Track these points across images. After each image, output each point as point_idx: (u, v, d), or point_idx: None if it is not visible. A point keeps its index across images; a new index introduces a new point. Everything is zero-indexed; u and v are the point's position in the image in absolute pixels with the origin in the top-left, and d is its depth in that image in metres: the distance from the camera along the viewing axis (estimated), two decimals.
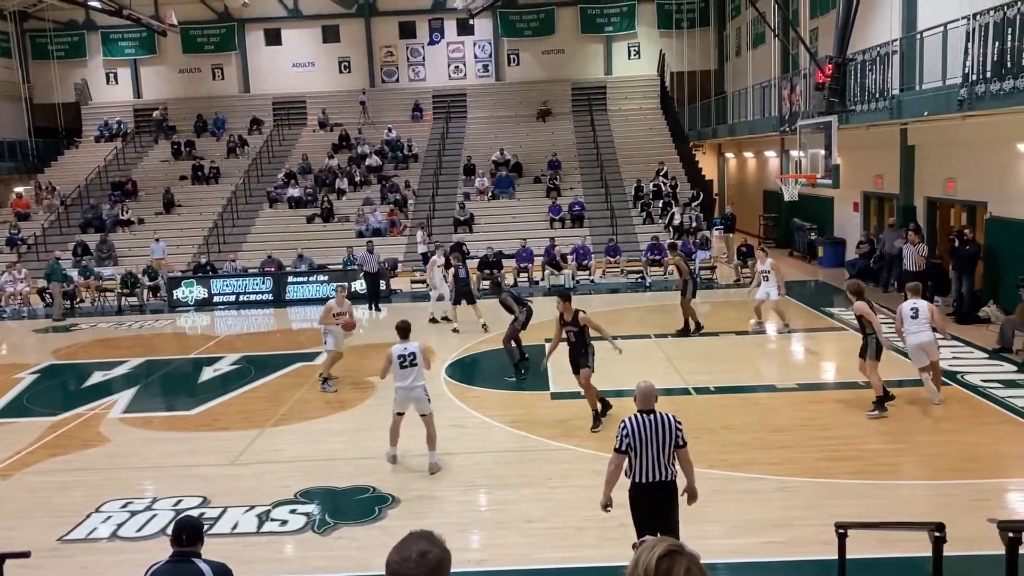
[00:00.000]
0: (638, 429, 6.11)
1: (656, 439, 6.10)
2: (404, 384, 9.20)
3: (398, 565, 2.45)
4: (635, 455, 6.12)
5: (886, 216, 20.69)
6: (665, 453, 6.13)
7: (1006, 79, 12.19)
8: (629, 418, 6.25)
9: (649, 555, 2.32)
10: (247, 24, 35.66)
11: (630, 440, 6.10)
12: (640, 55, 35.67)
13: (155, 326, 19.65)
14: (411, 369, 9.18)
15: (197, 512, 8.20)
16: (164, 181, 29.97)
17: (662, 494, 6.18)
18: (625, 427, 6.15)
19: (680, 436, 6.19)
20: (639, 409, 6.27)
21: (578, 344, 10.53)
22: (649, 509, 6.19)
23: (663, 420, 6.17)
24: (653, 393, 6.36)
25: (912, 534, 6.64)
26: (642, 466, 6.12)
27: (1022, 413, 10.32)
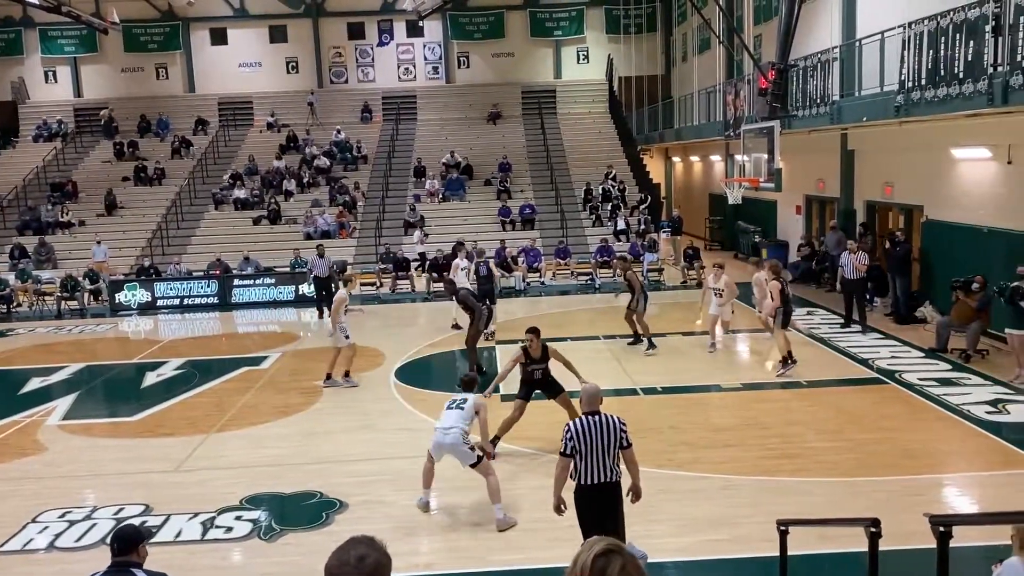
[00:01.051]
0: (583, 431, 6.14)
1: (601, 441, 6.14)
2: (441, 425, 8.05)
3: (336, 569, 2.45)
4: (580, 457, 6.15)
5: (827, 219, 21.18)
6: (610, 455, 6.17)
7: (940, 86, 12.58)
8: (574, 421, 6.29)
9: (587, 554, 2.36)
10: (192, 23, 35.05)
11: (575, 443, 6.13)
12: (589, 59, 35.96)
13: (96, 330, 19.19)
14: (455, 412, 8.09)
15: (139, 520, 8.03)
16: (106, 182, 29.25)
17: (607, 495, 6.24)
18: (570, 430, 6.18)
19: (625, 437, 6.22)
20: (584, 411, 6.31)
21: (543, 381, 9.59)
22: (595, 510, 6.23)
23: (608, 422, 6.20)
24: (598, 395, 6.42)
25: (851, 530, 6.82)
26: (587, 468, 6.16)
27: (957, 410, 10.65)
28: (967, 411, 10.57)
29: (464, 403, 8.17)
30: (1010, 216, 13.70)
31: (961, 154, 15.05)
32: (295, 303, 21.30)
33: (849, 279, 15.42)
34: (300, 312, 20.57)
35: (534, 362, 9.46)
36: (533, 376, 9.53)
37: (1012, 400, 10.98)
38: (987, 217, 14.35)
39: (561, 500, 6.40)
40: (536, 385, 9.61)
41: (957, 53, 12.17)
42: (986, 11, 11.55)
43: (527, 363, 9.47)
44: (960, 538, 4.60)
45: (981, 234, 14.37)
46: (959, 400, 11.02)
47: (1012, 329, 11.73)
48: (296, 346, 16.49)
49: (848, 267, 15.33)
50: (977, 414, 10.45)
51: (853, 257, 15.28)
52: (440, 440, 7.96)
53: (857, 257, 15.28)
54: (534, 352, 9.44)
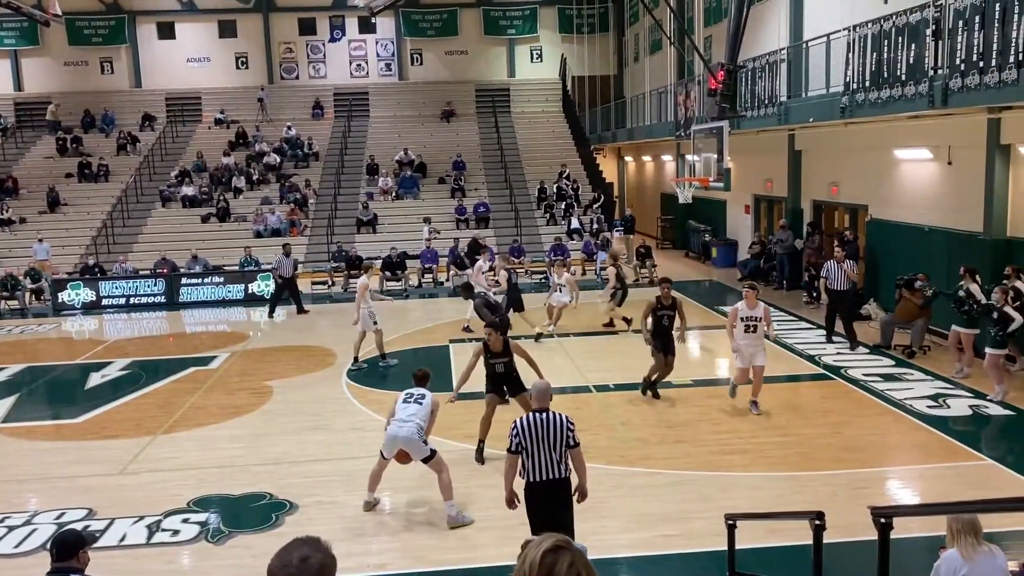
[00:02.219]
0: (529, 429, 6.17)
1: (548, 438, 6.16)
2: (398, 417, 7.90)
3: (279, 570, 2.41)
4: (527, 455, 6.18)
5: (776, 218, 21.54)
6: (557, 452, 6.19)
7: (883, 88, 12.88)
8: (520, 418, 6.32)
9: (536, 551, 2.36)
10: (138, 16, 34.33)
11: (520, 440, 6.17)
12: (543, 58, 36.07)
13: (38, 330, 18.69)
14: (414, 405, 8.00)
15: (82, 525, 7.85)
16: (48, 179, 28.51)
17: (555, 492, 6.26)
18: (515, 427, 6.21)
19: (571, 436, 6.21)
20: (534, 408, 6.34)
21: (506, 374, 9.47)
22: (543, 508, 6.26)
23: (555, 420, 6.21)
24: (549, 392, 6.46)
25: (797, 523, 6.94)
26: (535, 465, 6.19)
27: (900, 405, 10.91)
28: (909, 405, 10.85)
29: (422, 398, 8.05)
30: (951, 215, 14.09)
31: (904, 155, 15.42)
32: (244, 302, 20.99)
33: (836, 290, 14.10)
34: (250, 311, 20.27)
35: (495, 356, 9.33)
36: (495, 370, 9.38)
37: (952, 395, 11.29)
38: (929, 216, 14.74)
39: (513, 494, 6.44)
40: (500, 379, 9.46)
41: (899, 56, 12.48)
42: (927, 15, 11.86)
43: (488, 357, 9.36)
44: (902, 530, 4.72)
45: (923, 233, 14.75)
46: (902, 395, 11.30)
47: (961, 327, 12.01)
48: (245, 346, 16.25)
49: (834, 277, 14.03)
50: (919, 408, 10.73)
51: (842, 266, 13.99)
52: (395, 432, 7.80)
53: (846, 266, 14.03)
54: (494, 346, 9.31)
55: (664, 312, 11.31)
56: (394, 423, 7.88)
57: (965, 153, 13.67)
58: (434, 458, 7.86)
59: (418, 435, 7.78)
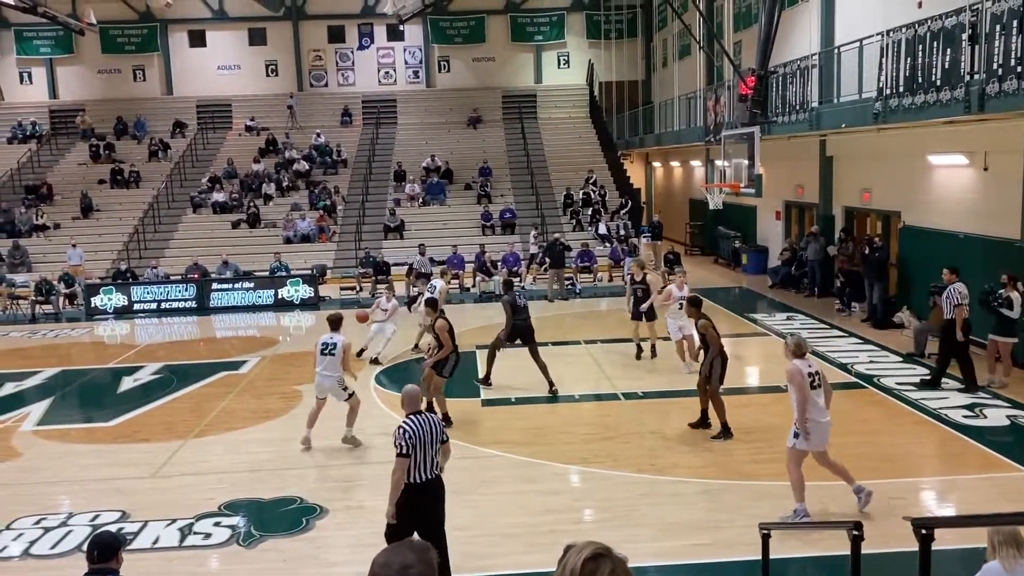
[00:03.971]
0: (419, 430, 6.32)
1: (429, 439, 6.36)
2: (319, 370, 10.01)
3: (380, 569, 2.37)
4: (415, 456, 6.32)
5: (807, 225, 21.33)
6: (434, 450, 6.41)
7: (917, 93, 12.71)
8: (407, 421, 6.39)
9: (577, 558, 2.33)
10: (170, 25, 34.79)
11: (413, 441, 6.28)
12: (570, 64, 36.05)
13: (72, 335, 18.96)
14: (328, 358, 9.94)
15: (115, 527, 7.93)
16: (82, 185, 28.94)
17: (433, 491, 6.43)
18: (407, 431, 6.31)
19: (444, 432, 6.58)
20: (409, 412, 6.49)
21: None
22: (421, 507, 6.35)
23: (430, 420, 6.49)
24: (418, 395, 6.71)
25: (832, 533, 6.85)
26: (417, 466, 6.32)
27: (934, 414, 10.74)
28: (945, 415, 10.67)
29: (335, 348, 9.88)
30: (986, 222, 13.86)
31: (938, 161, 15.21)
32: (274, 307, 21.16)
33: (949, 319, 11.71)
34: (279, 316, 20.43)
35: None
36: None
37: (988, 404, 11.09)
38: (964, 223, 14.51)
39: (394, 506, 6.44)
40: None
41: (934, 61, 12.30)
42: (962, 20, 11.69)
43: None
44: (939, 541, 4.63)
45: (958, 240, 14.52)
46: (937, 404, 11.12)
47: (998, 336, 11.80)
48: (275, 350, 16.37)
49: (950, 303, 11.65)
50: (955, 418, 10.55)
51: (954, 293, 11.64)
52: (320, 383, 10.01)
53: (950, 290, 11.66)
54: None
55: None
56: (318, 375, 10.00)
57: (1002, 159, 13.45)
58: (351, 398, 10.16)
59: (337, 385, 10.02)
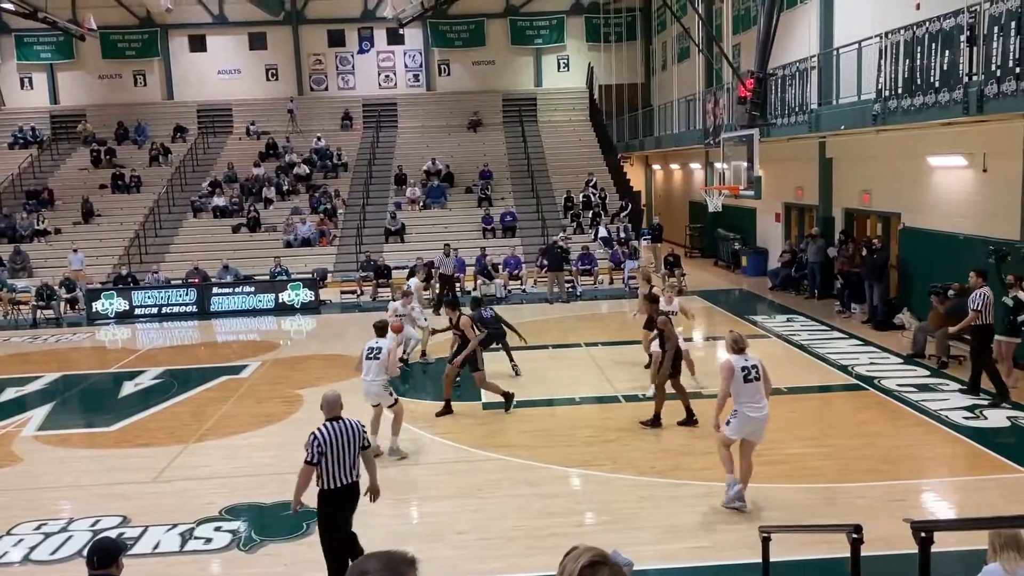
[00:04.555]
0: (329, 438, 6.37)
1: (346, 445, 6.40)
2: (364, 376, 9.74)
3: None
4: (327, 463, 6.36)
5: (806, 227, 21.34)
6: (350, 457, 6.45)
7: (916, 95, 12.72)
8: (319, 429, 6.46)
9: (574, 565, 2.34)
10: (171, 30, 34.85)
11: (322, 449, 6.34)
12: (569, 67, 36.09)
13: (73, 340, 18.97)
14: (374, 363, 9.64)
15: (116, 532, 7.94)
16: (82, 190, 28.98)
17: (349, 496, 6.52)
18: (316, 438, 6.37)
19: (364, 439, 6.60)
20: (327, 418, 6.54)
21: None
22: (338, 512, 6.47)
23: (350, 425, 6.52)
24: (339, 402, 6.68)
25: (832, 536, 6.84)
26: (331, 473, 6.37)
27: (935, 416, 10.73)
28: (945, 416, 10.66)
29: (379, 353, 9.59)
30: (986, 223, 13.86)
31: (937, 162, 15.22)
32: (275, 311, 21.17)
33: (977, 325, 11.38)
34: (280, 320, 20.44)
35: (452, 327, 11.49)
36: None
37: (989, 406, 11.07)
38: (963, 224, 14.51)
39: (301, 503, 6.65)
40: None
41: (933, 62, 12.32)
42: (961, 21, 11.71)
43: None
44: (940, 543, 4.63)
45: (958, 241, 14.53)
46: (937, 406, 11.11)
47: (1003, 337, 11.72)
48: (276, 355, 16.38)
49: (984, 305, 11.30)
50: (955, 419, 10.54)
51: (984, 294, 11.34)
52: (367, 389, 9.72)
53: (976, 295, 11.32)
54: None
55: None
56: (365, 383, 9.71)
57: (1001, 160, 13.45)
58: (395, 405, 9.81)
59: (381, 390, 9.69)
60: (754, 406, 7.92)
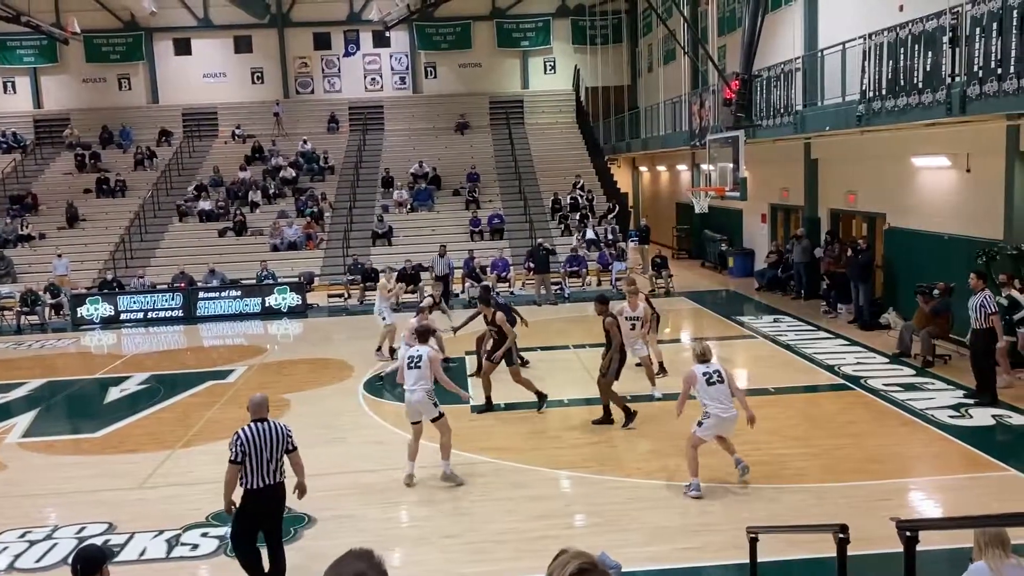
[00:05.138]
0: (252, 439, 6.43)
1: (269, 446, 6.46)
2: (406, 386, 9.03)
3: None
4: (249, 463, 6.43)
5: (792, 227, 21.43)
6: (275, 459, 6.52)
7: (900, 96, 12.80)
8: (242, 429, 6.54)
9: (561, 572, 2.34)
10: (155, 33, 34.69)
11: (244, 448, 6.41)
12: (556, 70, 36.15)
13: (57, 345, 18.83)
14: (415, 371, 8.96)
15: (102, 539, 7.88)
16: (67, 194, 28.80)
17: (273, 497, 6.58)
18: (239, 438, 6.45)
19: (290, 440, 6.64)
20: (253, 419, 6.60)
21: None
22: (260, 513, 6.54)
23: (275, 428, 6.58)
24: (264, 403, 6.76)
25: (819, 535, 6.87)
26: (254, 473, 6.44)
27: (921, 415, 10.79)
28: (931, 415, 10.72)
29: (420, 360, 8.92)
30: (970, 223, 13.96)
31: (921, 163, 15.32)
32: (262, 315, 21.09)
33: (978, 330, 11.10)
34: (267, 325, 20.36)
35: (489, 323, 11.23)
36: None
37: (974, 404, 11.14)
38: (947, 224, 14.61)
39: (231, 503, 6.67)
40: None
41: (916, 64, 12.41)
42: (943, 23, 11.79)
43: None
44: (926, 542, 4.66)
45: (942, 241, 14.63)
46: (923, 405, 11.17)
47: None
48: (263, 359, 16.31)
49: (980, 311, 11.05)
50: (941, 418, 10.60)
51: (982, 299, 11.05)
52: (408, 398, 8.94)
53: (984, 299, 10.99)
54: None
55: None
56: (406, 390, 8.99)
57: (984, 160, 13.56)
58: (441, 419, 8.89)
59: (428, 398, 8.86)
60: (721, 407, 8.45)
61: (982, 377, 11.29)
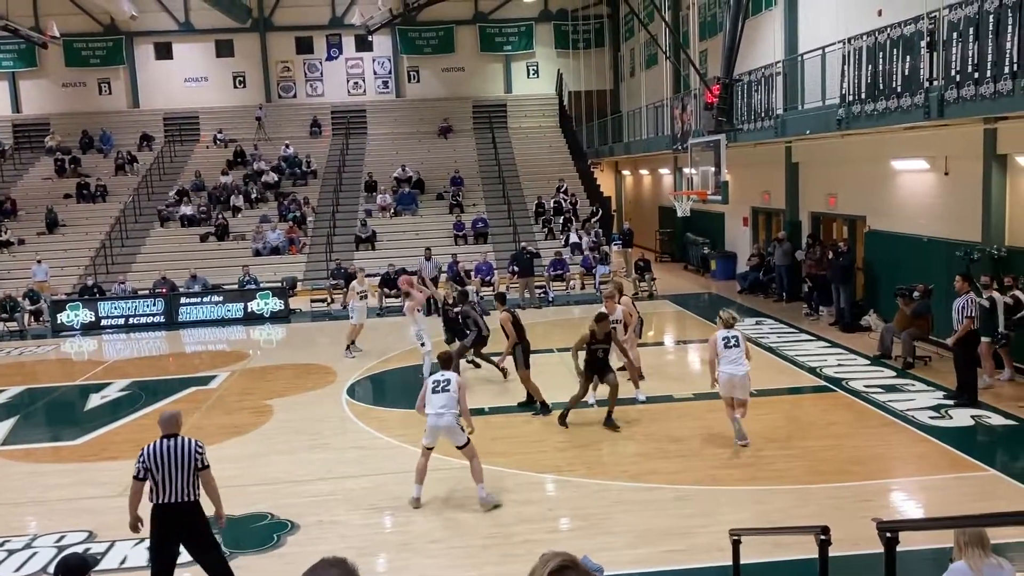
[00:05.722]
0: (155, 455, 6.30)
1: (175, 463, 6.29)
2: (432, 410, 8.49)
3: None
4: (154, 479, 6.30)
5: (774, 230, 21.56)
6: (183, 476, 6.32)
7: (879, 100, 12.93)
8: (148, 445, 6.41)
9: (543, 570, 2.34)
10: (136, 37, 34.48)
11: (147, 465, 6.28)
12: (539, 74, 36.23)
13: (37, 352, 18.65)
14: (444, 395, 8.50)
15: (82, 548, 7.80)
16: (47, 200, 28.52)
17: (183, 515, 6.38)
18: (142, 454, 6.34)
19: (201, 459, 6.39)
20: (161, 435, 6.44)
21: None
22: (170, 530, 6.37)
23: (183, 445, 6.38)
24: (174, 419, 6.58)
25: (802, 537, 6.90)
26: (162, 489, 6.31)
27: (902, 416, 10.88)
28: (912, 417, 10.81)
29: (448, 384, 8.54)
30: (949, 226, 14.11)
31: (901, 166, 15.46)
32: (244, 321, 20.98)
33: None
34: (249, 330, 20.25)
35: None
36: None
37: (954, 405, 11.24)
38: (927, 226, 14.75)
39: (138, 518, 6.53)
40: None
41: (895, 68, 12.54)
42: (921, 27, 11.92)
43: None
44: (908, 542, 4.70)
45: (921, 243, 14.76)
46: (904, 406, 11.26)
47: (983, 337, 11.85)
48: (245, 364, 16.22)
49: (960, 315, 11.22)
50: (921, 419, 10.69)
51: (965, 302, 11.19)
52: (435, 423, 8.46)
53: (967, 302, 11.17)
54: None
55: (599, 346, 10.88)
56: (431, 415, 8.49)
57: (962, 163, 13.70)
58: (468, 445, 8.52)
59: (456, 423, 8.46)
60: (732, 367, 9.83)
61: (963, 377, 11.38)
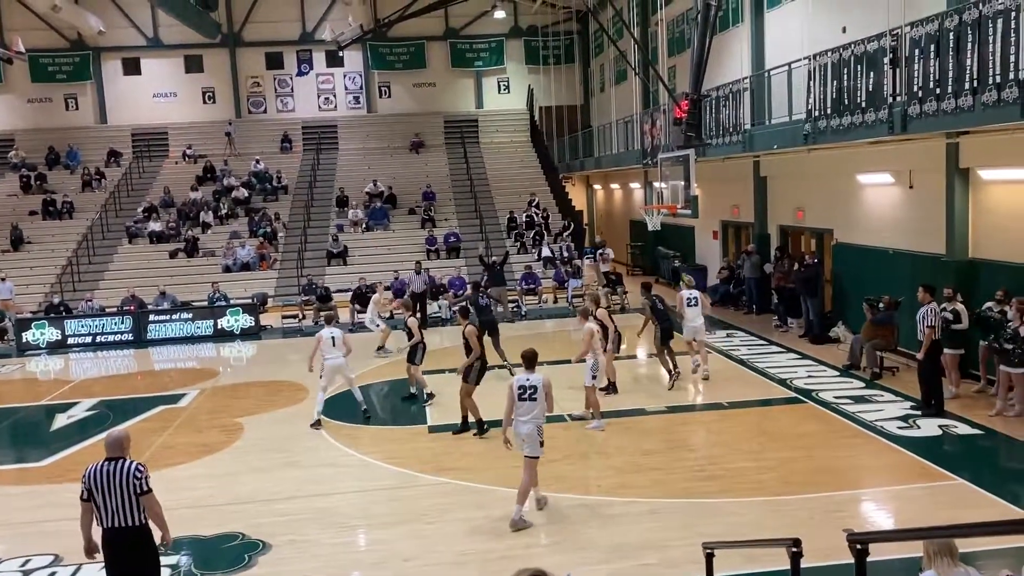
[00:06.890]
0: (96, 476, 6.16)
1: (117, 486, 6.14)
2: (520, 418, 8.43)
3: None
4: (96, 503, 6.18)
5: (743, 243, 21.78)
6: (123, 500, 6.16)
7: (844, 115, 13.14)
8: (92, 465, 6.27)
9: None
10: (103, 53, 34.18)
11: (88, 486, 6.17)
12: (510, 90, 36.42)
13: (2, 372, 18.32)
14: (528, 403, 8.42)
15: (48, 572, 7.67)
16: (11, 217, 28.10)
17: (127, 539, 6.24)
18: (85, 474, 6.23)
19: (139, 484, 6.17)
20: (105, 457, 6.29)
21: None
22: (117, 553, 6.25)
23: (122, 468, 6.19)
24: (119, 442, 6.36)
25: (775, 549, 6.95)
26: (106, 512, 6.19)
27: (871, 427, 11.01)
28: (880, 427, 10.94)
29: (535, 392, 8.42)
30: (914, 238, 14.34)
31: (867, 180, 15.70)
32: (214, 338, 20.76)
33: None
34: (219, 347, 20.05)
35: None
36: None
37: (921, 415, 11.39)
38: (893, 239, 14.98)
39: (92, 542, 6.36)
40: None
41: (859, 84, 12.76)
42: (884, 44, 12.15)
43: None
44: (878, 552, 4.75)
45: (887, 256, 14.99)
46: (873, 417, 11.40)
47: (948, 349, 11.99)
48: (215, 382, 16.05)
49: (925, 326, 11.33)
50: (890, 430, 10.82)
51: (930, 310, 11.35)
52: (518, 429, 8.45)
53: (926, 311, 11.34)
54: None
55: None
56: (518, 421, 8.43)
57: (926, 177, 13.95)
58: (535, 459, 8.42)
59: (537, 433, 8.39)
60: (690, 319, 13.88)
61: (926, 387, 11.54)
